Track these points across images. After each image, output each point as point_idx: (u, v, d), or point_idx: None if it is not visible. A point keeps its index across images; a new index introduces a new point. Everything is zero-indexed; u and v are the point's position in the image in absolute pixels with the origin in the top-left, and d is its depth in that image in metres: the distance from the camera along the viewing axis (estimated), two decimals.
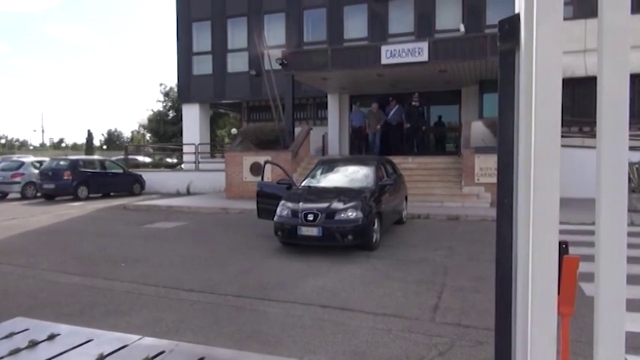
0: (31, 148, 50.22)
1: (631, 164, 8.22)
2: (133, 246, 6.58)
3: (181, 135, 19.42)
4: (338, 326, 3.37)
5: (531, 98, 0.82)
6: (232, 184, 12.22)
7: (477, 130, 11.18)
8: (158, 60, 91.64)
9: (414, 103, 12.48)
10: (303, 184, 7.00)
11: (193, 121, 17.37)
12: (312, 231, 5.55)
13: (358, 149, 13.20)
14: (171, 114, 30.07)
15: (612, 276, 0.76)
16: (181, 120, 19.27)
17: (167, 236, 7.34)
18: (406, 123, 12.64)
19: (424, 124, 12.96)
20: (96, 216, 9.92)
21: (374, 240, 5.87)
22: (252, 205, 8.26)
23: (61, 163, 13.48)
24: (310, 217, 5.61)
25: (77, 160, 13.73)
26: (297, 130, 13.13)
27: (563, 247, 0.84)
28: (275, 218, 5.93)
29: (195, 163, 16.09)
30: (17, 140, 54.74)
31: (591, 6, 11.01)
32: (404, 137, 12.91)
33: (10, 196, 14.27)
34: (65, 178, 13.04)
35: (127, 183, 14.57)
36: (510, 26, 0.87)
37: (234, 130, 22.62)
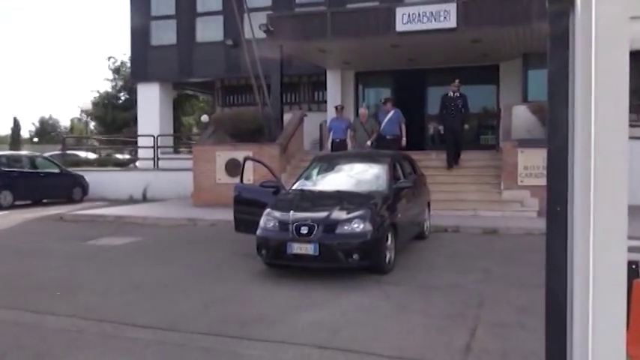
0: None
1: None
2: (72, 268, 6.61)
3: (136, 124, 19.44)
4: None
5: (591, 75, 0.82)
6: (202, 187, 12.27)
7: (521, 117, 11.26)
8: (105, 26, 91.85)
9: (452, 94, 11.31)
10: (294, 187, 7.06)
11: (152, 105, 17.42)
12: (307, 248, 5.61)
13: None
14: (122, 97, 30.14)
15: None
16: (136, 104, 19.27)
17: (116, 256, 7.38)
18: (438, 124, 11.96)
19: (464, 122, 11.45)
20: (23, 229, 9.94)
21: (387, 260, 5.91)
22: (228, 215, 8.15)
23: None
24: (304, 231, 5.69)
25: None
26: (287, 117, 13.16)
27: (633, 269, 0.86)
28: (258, 232, 6.03)
29: (153, 160, 16.11)
30: None
31: None
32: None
33: None
34: None
35: (65, 186, 14.54)
36: None
37: (204, 118, 22.73)
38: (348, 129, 11.42)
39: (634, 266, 0.87)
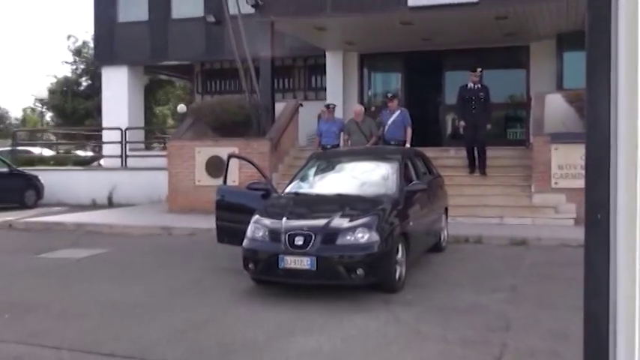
0: None
1: None
2: (24, 286, 6.58)
3: (100, 115, 19.40)
4: None
5: (637, 62, 0.81)
6: (179, 190, 12.32)
7: (555, 107, 11.27)
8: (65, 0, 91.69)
9: (472, 85, 11.22)
10: (288, 189, 7.12)
11: (119, 93, 17.38)
12: (302, 262, 5.63)
13: None
14: (84, 83, 30.11)
15: None
16: (100, 92, 19.28)
17: (77, 271, 7.34)
18: (459, 121, 11.67)
19: (487, 119, 11.32)
20: None
21: (397, 276, 5.95)
22: (209, 223, 8.28)
23: None
24: (299, 241, 5.69)
25: None
26: (280, 107, 13.19)
27: None
28: (244, 243, 6.00)
29: (121, 157, 16.12)
30: None
31: None
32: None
33: None
34: None
35: (16, 189, 14.49)
36: None
37: (181, 107, 22.70)
38: (342, 132, 11.19)
39: None
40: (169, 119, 31.28)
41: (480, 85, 11.29)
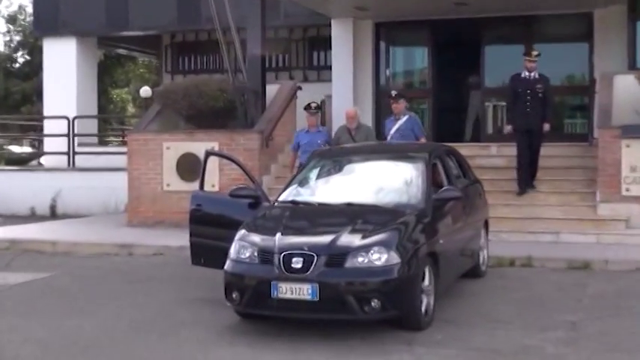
0: None
1: None
2: None
3: (41, 100, 19.34)
4: None
5: None
6: (142, 196, 12.32)
7: (626, 91, 11.19)
8: None
9: (527, 74, 10.99)
10: (283, 197, 7.14)
11: (65, 72, 17.27)
12: (301, 290, 5.62)
13: None
14: (20, 59, 29.98)
15: None
16: (41, 70, 19.25)
17: (10, 301, 7.27)
18: (506, 125, 11.47)
19: (545, 120, 11.00)
20: None
21: (422, 309, 5.93)
22: (180, 240, 8.26)
23: None
24: (297, 264, 5.67)
25: None
26: (272, 90, 13.12)
27: None
28: (227, 265, 6.03)
29: (68, 154, 16.08)
30: None
31: None
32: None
33: None
34: None
35: None
36: None
37: (146, 90, 22.50)
38: (327, 144, 10.45)
39: None
40: (130, 106, 31.19)
41: (537, 75, 10.95)
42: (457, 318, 6.29)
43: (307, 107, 10.86)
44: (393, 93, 10.93)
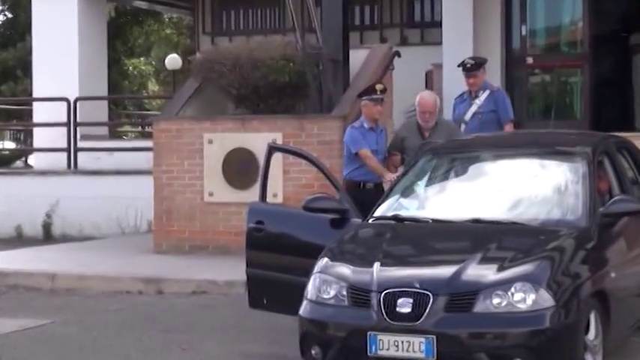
0: None
1: None
2: None
3: (28, 74, 18.96)
4: None
5: None
6: (174, 209, 11.85)
7: None
8: None
9: None
10: (381, 211, 6.92)
11: (63, 36, 16.60)
12: (411, 345, 5.48)
13: None
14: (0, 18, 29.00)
15: None
16: (28, 33, 18.67)
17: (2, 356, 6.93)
18: None
19: None
20: None
21: None
22: (230, 272, 8.57)
23: None
24: (405, 307, 5.48)
25: None
26: (358, 57, 12.67)
27: None
28: (303, 309, 5.87)
29: (68, 152, 15.56)
30: None
31: None
32: None
33: None
34: None
35: None
36: None
37: (173, 60, 21.96)
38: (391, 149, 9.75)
39: None
40: (152, 82, 30.41)
41: None
42: None
43: (370, 91, 9.86)
44: (467, 63, 10.15)
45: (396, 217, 6.64)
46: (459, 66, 10.63)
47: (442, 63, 14.21)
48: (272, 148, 7.33)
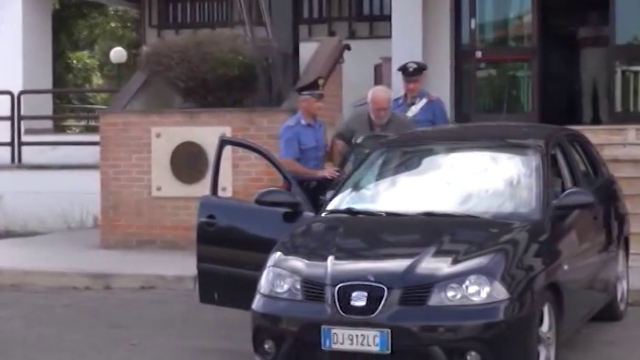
0: None
1: None
2: None
3: None
4: None
5: None
6: (121, 204, 11.81)
7: None
8: None
9: None
10: (334, 204, 6.86)
11: (6, 26, 16.62)
12: (365, 339, 5.43)
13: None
14: None
15: None
16: None
17: None
18: None
19: None
20: None
21: None
22: (179, 267, 8.53)
23: None
24: (359, 300, 5.43)
25: None
26: (308, 50, 12.52)
27: None
28: (256, 303, 5.81)
29: (12, 146, 15.54)
30: None
31: None
32: None
33: None
34: None
35: None
36: None
37: (117, 53, 21.64)
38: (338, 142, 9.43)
39: None
40: (96, 76, 30.30)
41: None
42: None
43: (312, 87, 9.57)
44: (409, 66, 9.79)
45: (349, 211, 6.61)
46: (399, 70, 10.39)
47: (391, 57, 14.21)
48: (223, 141, 7.34)
